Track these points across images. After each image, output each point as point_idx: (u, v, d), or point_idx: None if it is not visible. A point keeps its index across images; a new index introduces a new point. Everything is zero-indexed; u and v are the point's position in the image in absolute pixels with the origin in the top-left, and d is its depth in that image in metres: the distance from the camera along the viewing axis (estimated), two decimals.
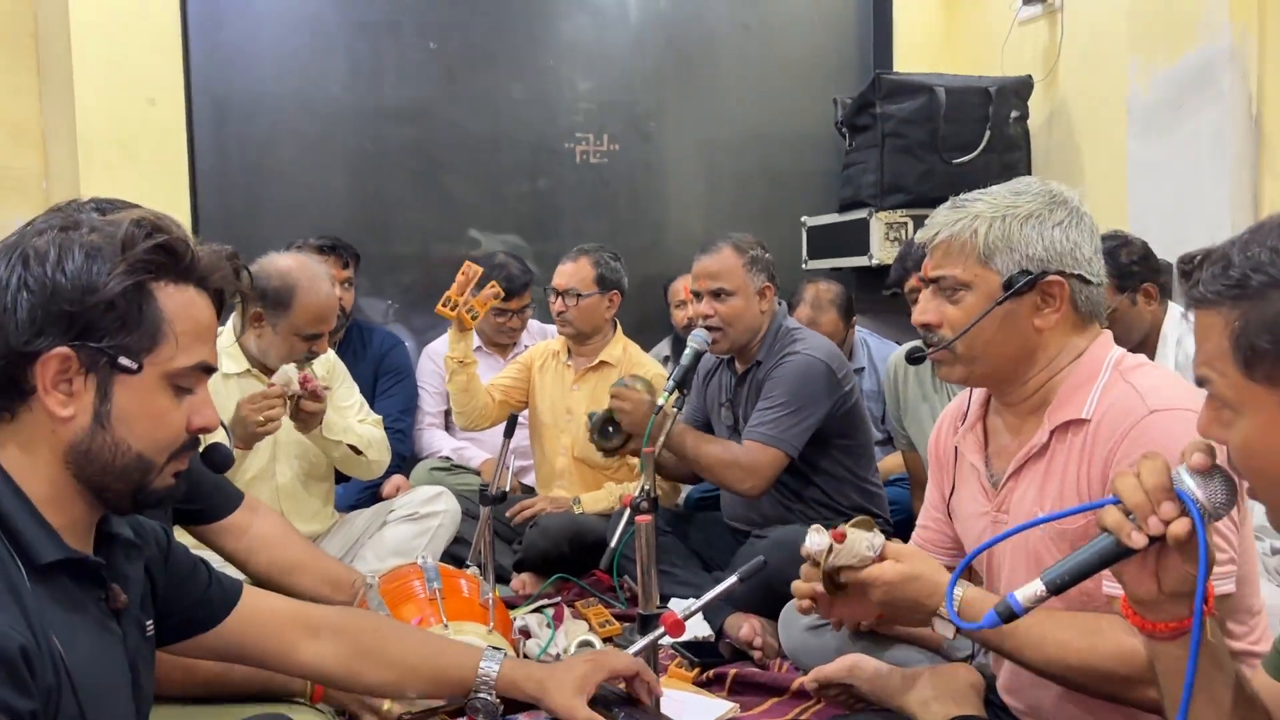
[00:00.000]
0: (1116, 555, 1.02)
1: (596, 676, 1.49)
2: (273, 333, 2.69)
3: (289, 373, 2.59)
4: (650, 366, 3.43)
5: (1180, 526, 0.97)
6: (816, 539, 1.49)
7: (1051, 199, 1.50)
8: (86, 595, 1.10)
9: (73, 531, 1.10)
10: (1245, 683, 1.06)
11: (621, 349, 3.42)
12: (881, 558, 1.46)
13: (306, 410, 2.63)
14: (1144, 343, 2.78)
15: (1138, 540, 0.98)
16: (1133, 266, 2.75)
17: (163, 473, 1.13)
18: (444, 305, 3.13)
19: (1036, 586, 1.04)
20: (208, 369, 1.15)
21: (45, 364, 1.04)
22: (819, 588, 1.51)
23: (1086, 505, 1.44)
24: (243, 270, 1.20)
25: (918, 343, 1.68)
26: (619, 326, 3.47)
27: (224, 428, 1.28)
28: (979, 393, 1.64)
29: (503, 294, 3.28)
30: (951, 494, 1.66)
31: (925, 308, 1.55)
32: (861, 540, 1.45)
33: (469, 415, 3.35)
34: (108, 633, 1.12)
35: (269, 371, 2.71)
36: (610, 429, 2.86)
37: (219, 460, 1.74)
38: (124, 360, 1.06)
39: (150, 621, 1.25)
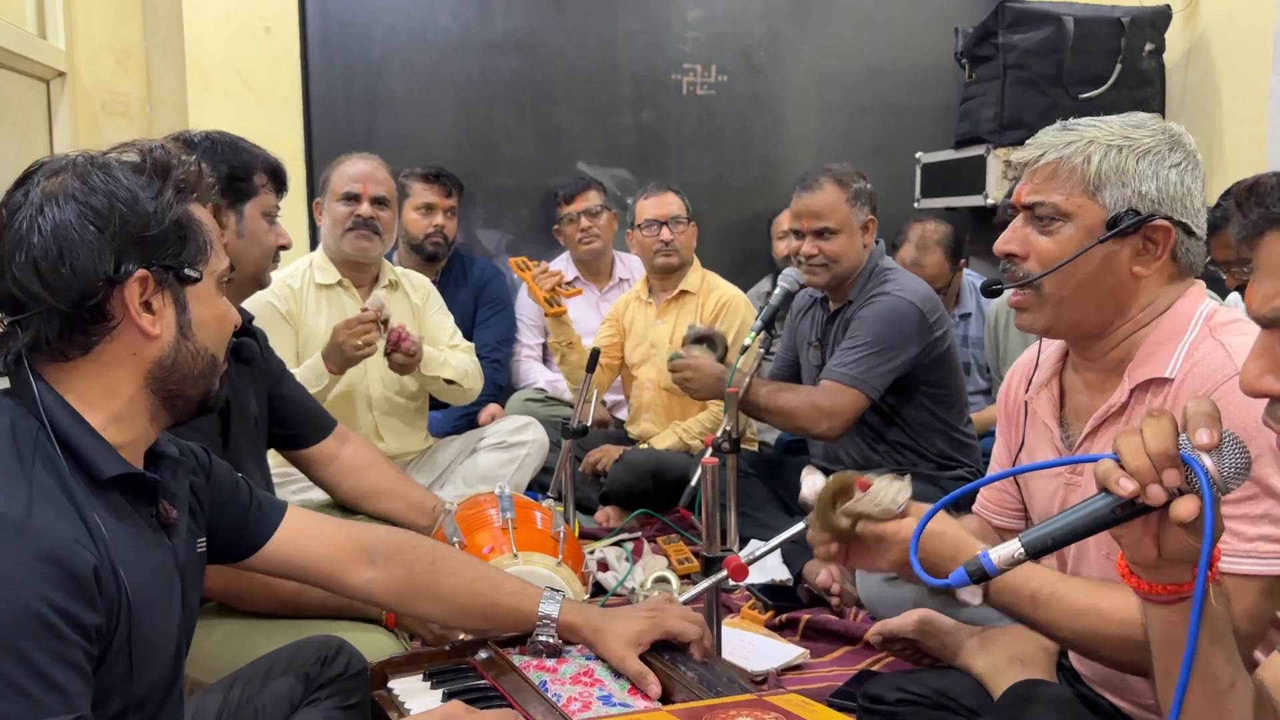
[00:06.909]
0: (1110, 520, 0.90)
1: (652, 635, 1.49)
2: (328, 214, 2.93)
3: (380, 297, 2.70)
4: (727, 290, 3.47)
5: (1186, 507, 0.85)
6: (810, 481, 1.43)
7: (1171, 138, 1.39)
8: (140, 511, 1.16)
9: (129, 451, 1.16)
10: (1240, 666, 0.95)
11: (700, 277, 3.48)
12: (904, 515, 1.36)
13: (398, 364, 2.73)
14: None
15: (1127, 488, 0.87)
16: None
17: (222, 372, 1.25)
18: (548, 306, 3.20)
19: (1014, 547, 0.94)
20: (231, 268, 1.30)
21: (129, 288, 1.12)
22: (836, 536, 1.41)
23: (1081, 458, 1.34)
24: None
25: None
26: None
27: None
28: (1053, 346, 1.54)
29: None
30: (1019, 453, 1.58)
31: (1011, 236, 1.43)
32: (887, 491, 1.36)
33: None
34: (160, 547, 1.18)
35: (354, 277, 2.91)
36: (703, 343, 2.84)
37: (245, 354, 1.89)
38: (189, 272, 1.17)
39: (202, 539, 1.30)
